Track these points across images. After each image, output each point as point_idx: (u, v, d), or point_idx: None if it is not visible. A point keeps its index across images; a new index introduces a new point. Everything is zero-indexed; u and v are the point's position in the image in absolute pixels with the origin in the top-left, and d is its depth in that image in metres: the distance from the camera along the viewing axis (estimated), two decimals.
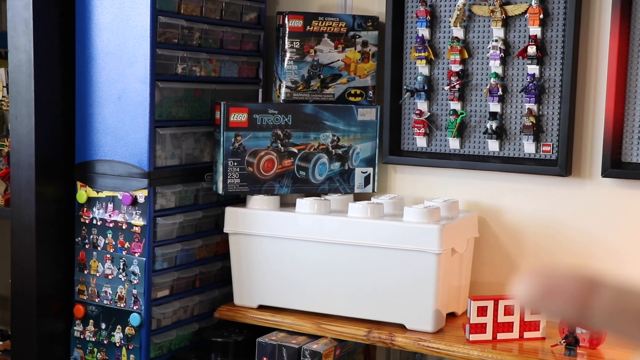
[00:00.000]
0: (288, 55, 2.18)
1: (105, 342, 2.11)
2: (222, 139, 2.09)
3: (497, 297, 1.93)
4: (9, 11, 2.05)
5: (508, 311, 1.92)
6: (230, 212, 2.14)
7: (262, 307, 2.14)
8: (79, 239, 2.14)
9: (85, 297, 2.14)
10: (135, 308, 2.06)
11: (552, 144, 2.08)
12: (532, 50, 2.05)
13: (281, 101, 2.19)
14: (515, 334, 1.93)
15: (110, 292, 2.09)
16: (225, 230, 2.15)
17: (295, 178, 2.17)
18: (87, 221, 2.12)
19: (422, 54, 2.19)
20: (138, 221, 2.04)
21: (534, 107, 2.07)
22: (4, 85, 2.33)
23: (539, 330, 1.93)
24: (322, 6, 2.35)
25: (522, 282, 0.37)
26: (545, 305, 0.37)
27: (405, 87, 2.24)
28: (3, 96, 2.33)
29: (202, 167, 2.18)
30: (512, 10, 2.09)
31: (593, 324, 0.36)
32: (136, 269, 2.05)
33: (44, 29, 2.06)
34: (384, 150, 2.24)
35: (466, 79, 2.17)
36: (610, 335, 0.36)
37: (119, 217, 2.07)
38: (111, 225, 2.08)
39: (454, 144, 2.20)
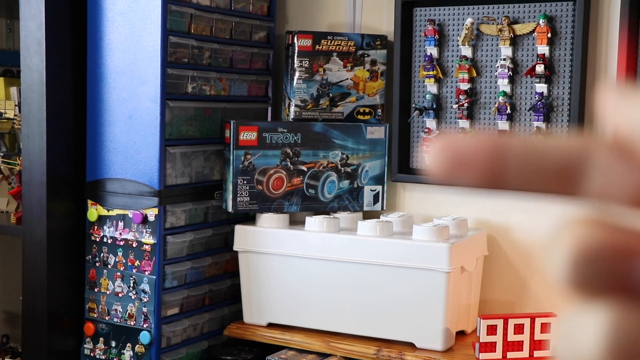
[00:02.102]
0: (297, 74, 2.19)
1: None
2: (231, 158, 2.10)
3: (506, 315, 1.93)
4: (21, 31, 2.08)
5: (518, 330, 1.92)
6: (239, 230, 2.15)
7: (271, 325, 2.14)
8: (90, 257, 2.15)
9: (95, 315, 2.15)
10: (145, 326, 2.07)
11: None
12: (540, 68, 2.06)
13: (290, 120, 2.20)
14: (525, 353, 1.92)
15: (121, 310, 2.10)
16: (235, 248, 2.16)
17: (304, 196, 2.18)
18: (97, 239, 2.13)
19: (431, 73, 2.20)
20: (148, 239, 2.05)
21: (543, 125, 2.08)
22: (17, 104, 2.35)
23: (549, 349, 1.93)
24: (330, 25, 2.37)
25: (432, 154, 0.32)
26: (456, 175, 0.31)
27: (413, 105, 2.25)
28: (15, 115, 2.35)
29: (212, 185, 2.20)
30: (520, 29, 2.10)
31: (508, 185, 0.31)
32: (146, 287, 2.06)
33: (56, 49, 2.08)
34: (393, 168, 2.25)
35: (474, 97, 2.18)
36: (526, 192, 0.31)
37: (129, 235, 2.08)
38: (121, 243, 2.10)
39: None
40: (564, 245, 0.29)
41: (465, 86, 2.17)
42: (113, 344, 2.12)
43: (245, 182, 2.12)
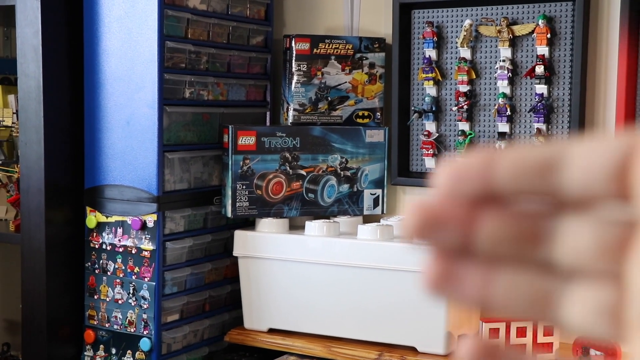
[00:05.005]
0: (295, 77, 2.18)
1: None
2: (230, 163, 2.09)
3: (508, 318, 1.92)
4: (18, 38, 2.07)
5: (520, 333, 1.90)
6: (239, 235, 2.14)
7: (272, 331, 2.13)
8: (89, 264, 2.14)
9: (95, 322, 2.14)
10: (145, 333, 2.06)
11: None
12: (540, 69, 2.05)
13: (289, 124, 2.19)
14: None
15: (120, 317, 2.09)
16: (235, 253, 2.15)
17: (304, 200, 2.17)
18: (96, 246, 2.12)
19: (430, 75, 2.19)
20: (147, 246, 2.04)
21: (543, 126, 2.07)
22: (14, 111, 2.35)
23: (552, 352, 1.91)
24: (328, 29, 2.36)
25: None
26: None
27: (413, 108, 2.24)
28: (13, 123, 2.34)
29: (210, 190, 2.19)
30: (519, 30, 2.09)
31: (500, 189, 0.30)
32: (146, 294, 2.05)
33: (52, 55, 2.07)
34: (393, 171, 2.24)
35: (474, 99, 2.17)
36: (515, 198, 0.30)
37: (128, 242, 2.07)
38: (121, 250, 2.09)
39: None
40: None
41: (464, 88, 2.16)
42: (113, 351, 2.11)
43: (244, 187, 2.11)
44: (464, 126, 2.17)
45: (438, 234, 0.31)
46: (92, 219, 2.12)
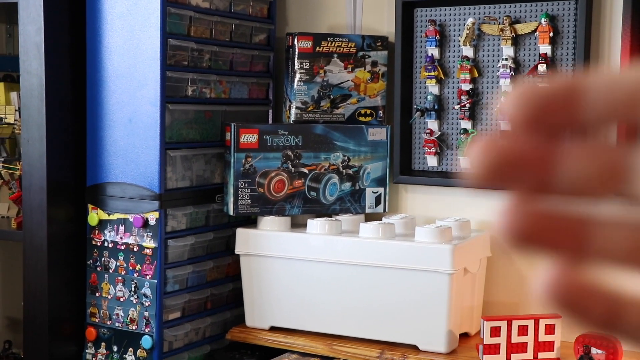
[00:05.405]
0: (298, 76, 2.18)
1: None
2: (232, 160, 2.09)
3: (510, 317, 1.92)
4: (20, 36, 2.07)
5: (522, 331, 1.90)
6: (241, 233, 2.14)
7: (274, 329, 2.13)
8: (91, 261, 2.14)
9: (97, 320, 2.14)
10: (147, 330, 2.06)
11: None
12: (542, 68, 2.05)
13: (291, 122, 2.19)
14: (529, 355, 1.90)
15: (122, 315, 2.09)
16: (237, 251, 2.15)
17: (306, 199, 2.17)
18: (98, 244, 2.12)
19: (432, 74, 2.19)
20: (149, 243, 2.04)
21: None
22: (17, 109, 2.35)
23: (553, 351, 1.91)
24: (331, 27, 2.36)
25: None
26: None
27: (415, 106, 2.24)
28: (15, 120, 2.35)
29: (212, 188, 2.19)
30: (521, 28, 2.09)
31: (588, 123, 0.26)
32: (147, 291, 2.05)
33: (55, 53, 2.07)
34: (395, 170, 2.24)
35: (476, 97, 2.17)
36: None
37: (130, 240, 2.07)
38: (122, 247, 2.09)
39: (465, 163, 2.19)
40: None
41: (467, 87, 2.16)
42: (115, 348, 2.11)
43: (246, 185, 2.11)
44: (467, 124, 2.17)
45: (518, 175, 0.27)
46: (94, 216, 2.12)
